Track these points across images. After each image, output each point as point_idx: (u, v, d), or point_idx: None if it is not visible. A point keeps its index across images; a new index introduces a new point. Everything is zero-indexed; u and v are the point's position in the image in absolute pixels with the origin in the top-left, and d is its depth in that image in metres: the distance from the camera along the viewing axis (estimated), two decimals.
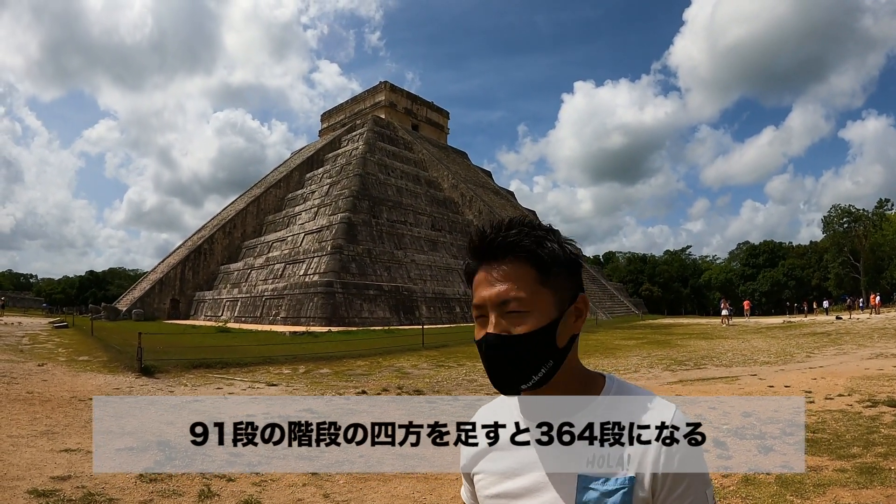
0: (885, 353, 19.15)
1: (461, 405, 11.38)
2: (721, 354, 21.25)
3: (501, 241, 1.29)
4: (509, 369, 1.26)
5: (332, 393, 12.83)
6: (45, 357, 18.22)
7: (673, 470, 1.18)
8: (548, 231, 1.33)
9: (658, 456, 1.19)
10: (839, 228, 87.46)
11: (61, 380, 13.77)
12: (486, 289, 1.29)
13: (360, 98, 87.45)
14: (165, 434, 8.45)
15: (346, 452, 7.69)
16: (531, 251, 1.28)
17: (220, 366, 16.67)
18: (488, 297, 1.28)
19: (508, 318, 1.26)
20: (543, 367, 1.26)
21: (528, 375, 1.25)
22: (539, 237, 1.30)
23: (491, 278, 1.30)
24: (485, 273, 1.32)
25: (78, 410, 10.13)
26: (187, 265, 58.27)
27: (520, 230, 1.30)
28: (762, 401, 10.94)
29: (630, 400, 1.30)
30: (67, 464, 6.79)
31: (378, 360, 19.68)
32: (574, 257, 1.34)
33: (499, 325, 1.26)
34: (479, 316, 1.33)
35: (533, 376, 1.25)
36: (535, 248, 1.28)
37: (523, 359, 1.25)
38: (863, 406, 10.00)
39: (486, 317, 1.30)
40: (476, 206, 67.49)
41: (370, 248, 46.96)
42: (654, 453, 1.20)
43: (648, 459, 1.20)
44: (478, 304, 1.32)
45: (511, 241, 1.28)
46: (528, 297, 1.26)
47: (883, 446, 7.28)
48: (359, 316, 40.18)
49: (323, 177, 64.36)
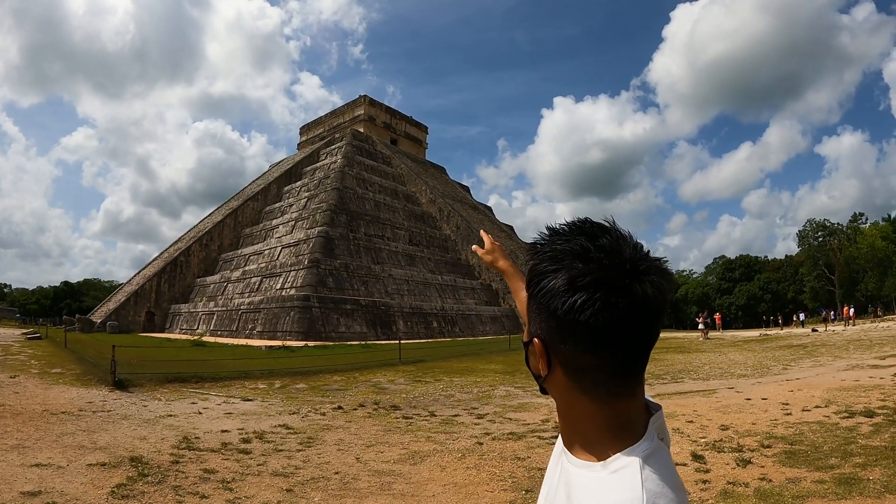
0: (860, 364, 19.32)
1: (438, 421, 11.31)
2: (698, 368, 21.34)
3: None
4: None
5: (308, 408, 12.70)
6: (17, 369, 17.88)
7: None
8: None
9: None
10: (814, 242, 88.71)
11: (33, 392, 13.51)
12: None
13: (339, 112, 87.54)
14: (138, 449, 8.31)
15: (321, 469, 7.61)
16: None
17: (195, 380, 16.46)
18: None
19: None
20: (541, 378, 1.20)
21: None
22: (532, 254, 1.13)
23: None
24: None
25: (50, 424, 9.93)
26: (163, 277, 57.71)
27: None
28: (740, 414, 10.97)
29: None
30: (38, 479, 6.64)
31: (355, 375, 19.55)
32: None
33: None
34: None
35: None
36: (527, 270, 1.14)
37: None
38: (840, 417, 10.06)
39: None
40: (454, 220, 67.58)
41: (347, 262, 46.80)
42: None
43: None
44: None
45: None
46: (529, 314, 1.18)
47: (861, 457, 7.31)
48: (335, 330, 39.96)
49: (301, 190, 64.20)
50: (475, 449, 8.90)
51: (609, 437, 1.02)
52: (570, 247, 1.02)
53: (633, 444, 1.00)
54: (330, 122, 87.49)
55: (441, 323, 49.41)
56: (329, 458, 8.21)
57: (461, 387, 16.62)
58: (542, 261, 1.04)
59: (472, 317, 53.24)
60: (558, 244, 1.04)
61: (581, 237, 1.03)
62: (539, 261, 1.05)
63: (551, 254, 1.03)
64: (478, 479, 7.23)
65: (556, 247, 1.04)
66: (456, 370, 21.08)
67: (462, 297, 55.63)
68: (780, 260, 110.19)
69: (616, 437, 1.02)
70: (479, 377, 18.65)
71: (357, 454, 8.51)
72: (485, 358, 26.35)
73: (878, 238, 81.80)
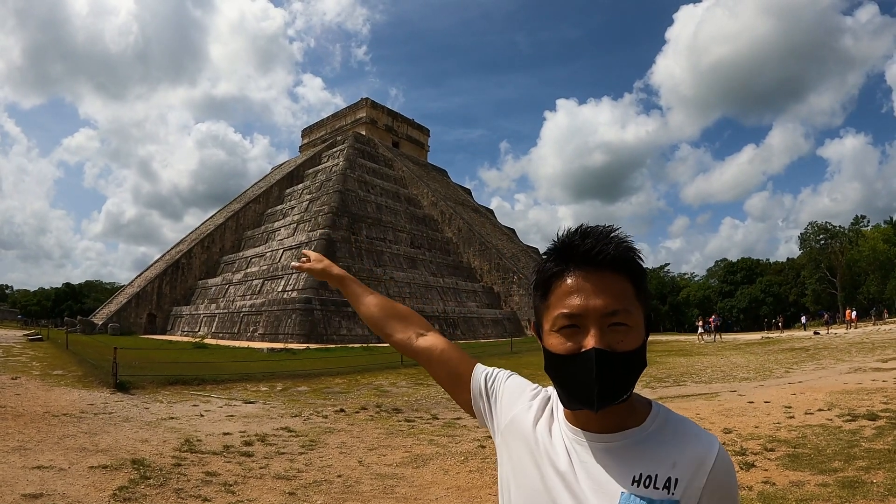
0: (863, 367, 19.29)
1: (441, 424, 11.30)
2: (700, 371, 21.31)
3: (604, 250, 1.23)
4: (612, 386, 1.20)
5: (310, 411, 12.69)
6: (18, 370, 17.89)
7: (720, 497, 1.20)
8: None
9: (705, 485, 1.19)
10: (816, 245, 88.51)
11: (35, 394, 13.51)
12: (588, 298, 1.21)
13: (341, 114, 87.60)
14: (140, 452, 8.30)
15: (323, 473, 7.59)
16: (634, 265, 1.26)
17: (197, 382, 16.46)
18: (593, 307, 1.20)
19: (612, 331, 1.21)
20: (634, 383, 1.24)
21: (623, 392, 1.22)
22: (636, 250, 1.27)
23: (591, 287, 1.22)
24: (579, 280, 1.24)
25: (51, 426, 9.92)
26: (165, 279, 57.71)
27: (619, 241, 1.25)
28: (742, 417, 10.96)
29: (678, 428, 1.29)
30: (40, 481, 6.63)
31: (356, 377, 19.54)
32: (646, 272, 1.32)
33: (603, 338, 1.20)
34: (569, 326, 1.23)
35: (625, 394, 1.23)
36: (638, 263, 1.26)
37: (626, 376, 1.22)
38: (843, 420, 10.04)
39: (579, 327, 1.22)
40: (455, 223, 67.59)
41: (349, 264, 46.77)
42: (701, 482, 1.20)
43: (695, 487, 1.19)
44: (572, 314, 1.22)
45: (615, 251, 1.23)
46: (632, 311, 1.23)
47: (864, 460, 7.29)
48: (337, 333, 39.96)
49: (303, 192, 64.21)
50: (478, 452, 8.89)
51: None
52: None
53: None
54: (332, 125, 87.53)
55: (443, 326, 49.39)
56: (331, 462, 8.20)
57: None
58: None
59: (474, 319, 53.22)
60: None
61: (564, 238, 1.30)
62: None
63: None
64: (480, 482, 7.22)
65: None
66: None
67: (464, 299, 55.61)
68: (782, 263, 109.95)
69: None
70: None
71: (359, 457, 8.50)
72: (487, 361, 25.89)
73: (880, 241, 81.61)
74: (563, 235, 1.30)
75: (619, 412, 1.27)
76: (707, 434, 1.27)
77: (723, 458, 1.22)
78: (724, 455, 1.23)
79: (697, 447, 1.23)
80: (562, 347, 1.23)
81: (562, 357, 1.22)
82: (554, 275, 1.28)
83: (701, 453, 1.22)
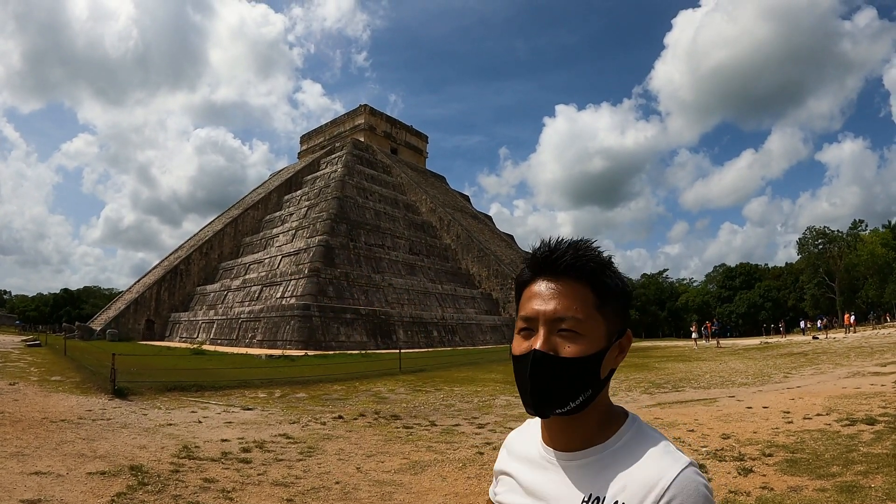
0: (861, 371, 19.30)
1: (439, 430, 11.29)
2: (699, 377, 21.31)
3: (567, 259, 1.27)
4: (550, 391, 1.22)
5: (309, 418, 12.67)
6: (16, 376, 17.86)
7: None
8: (608, 260, 1.33)
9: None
10: (814, 250, 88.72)
11: (33, 400, 13.49)
12: (541, 303, 1.27)
13: (339, 121, 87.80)
14: (138, 458, 8.29)
15: (321, 479, 7.59)
16: (595, 274, 1.27)
17: (195, 389, 16.43)
18: (543, 311, 1.25)
19: (560, 336, 1.24)
20: (582, 394, 1.23)
21: (565, 400, 1.22)
22: (603, 262, 1.30)
23: (548, 293, 1.27)
24: (541, 287, 1.29)
25: (49, 432, 9.91)
26: (163, 286, 57.69)
27: (586, 251, 1.29)
28: (741, 422, 10.96)
29: (643, 446, 1.23)
30: (38, 487, 6.62)
31: (355, 384, 19.52)
32: (629, 291, 1.34)
33: (548, 342, 1.23)
34: (524, 329, 1.29)
35: (570, 402, 1.22)
36: (600, 273, 1.28)
37: (567, 383, 1.22)
38: (841, 425, 10.04)
39: (534, 331, 1.27)
40: (454, 230, 67.66)
41: (348, 271, 46.79)
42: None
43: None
44: (527, 317, 1.29)
45: (577, 260, 1.27)
46: (584, 319, 1.24)
47: (862, 464, 7.29)
48: (336, 340, 39.91)
49: (301, 199, 64.26)
50: (476, 459, 8.88)
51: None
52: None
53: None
54: (330, 132, 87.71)
55: (441, 332, 49.38)
56: (329, 468, 8.19)
57: (462, 396, 16.60)
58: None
59: (473, 326, 53.20)
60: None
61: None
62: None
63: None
64: (479, 489, 7.21)
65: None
66: (456, 380, 21.05)
67: (462, 306, 55.62)
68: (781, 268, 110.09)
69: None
70: (480, 387, 18.62)
71: (357, 464, 8.49)
72: (485, 367, 26.29)
73: (879, 245, 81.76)
74: (535, 247, 1.35)
75: (583, 426, 1.28)
76: (672, 456, 1.18)
77: (681, 483, 1.12)
78: (685, 481, 1.12)
79: (650, 470, 1.16)
80: (517, 349, 1.28)
81: (514, 357, 1.29)
82: (524, 282, 1.35)
83: (653, 477, 1.14)
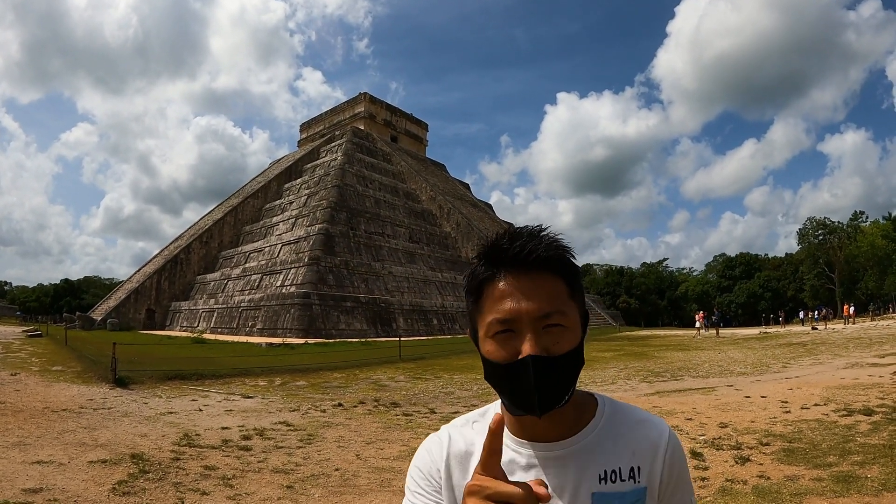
0: (860, 362, 19.33)
1: (438, 418, 11.33)
2: (698, 366, 21.36)
3: (541, 251, 1.18)
4: (553, 391, 1.15)
5: (309, 405, 12.72)
6: (17, 366, 17.91)
7: (674, 478, 1.28)
8: (569, 245, 1.25)
9: (663, 467, 1.27)
10: (814, 240, 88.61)
11: (34, 390, 13.53)
12: (520, 301, 1.16)
13: (339, 109, 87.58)
14: (139, 446, 8.33)
15: (321, 466, 7.63)
16: (566, 264, 1.22)
17: (196, 377, 16.48)
18: (526, 310, 1.15)
19: (547, 333, 1.16)
20: (574, 385, 1.20)
21: (562, 395, 1.17)
22: (567, 248, 1.23)
23: (524, 289, 1.18)
24: (511, 283, 1.19)
25: (51, 421, 9.95)
26: (163, 275, 57.73)
27: (554, 241, 1.21)
28: (739, 412, 10.99)
29: (627, 416, 1.32)
30: (39, 476, 6.65)
31: (355, 372, 19.58)
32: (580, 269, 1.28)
33: (539, 342, 1.15)
34: (503, 331, 1.17)
35: (566, 395, 1.18)
36: (570, 261, 1.23)
37: (565, 378, 1.17)
38: (839, 415, 10.07)
39: (514, 332, 1.17)
40: (454, 218, 67.62)
41: (348, 259, 46.82)
42: (659, 465, 1.26)
43: (656, 471, 1.26)
44: (505, 319, 1.17)
45: (551, 252, 1.19)
46: (567, 311, 1.19)
47: (859, 455, 7.32)
48: (336, 328, 39.99)
49: (301, 187, 64.21)
50: None
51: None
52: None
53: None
54: (330, 120, 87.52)
55: (441, 320, 49.48)
56: (329, 455, 8.23)
57: (461, 384, 16.65)
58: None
59: None
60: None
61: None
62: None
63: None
64: None
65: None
66: (456, 367, 21.11)
67: (462, 294, 55.48)
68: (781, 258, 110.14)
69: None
70: (479, 374, 18.63)
71: (357, 451, 8.53)
72: None
73: (879, 236, 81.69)
74: (492, 239, 1.26)
75: (567, 414, 1.25)
76: (653, 418, 1.33)
77: (673, 437, 1.30)
78: (674, 434, 1.31)
79: (651, 432, 1.29)
80: (498, 355, 1.17)
81: (499, 366, 1.17)
82: (486, 279, 1.23)
83: (655, 437, 1.28)
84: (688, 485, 1.33)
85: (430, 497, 1.27)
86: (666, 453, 1.27)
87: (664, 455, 1.27)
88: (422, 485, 1.29)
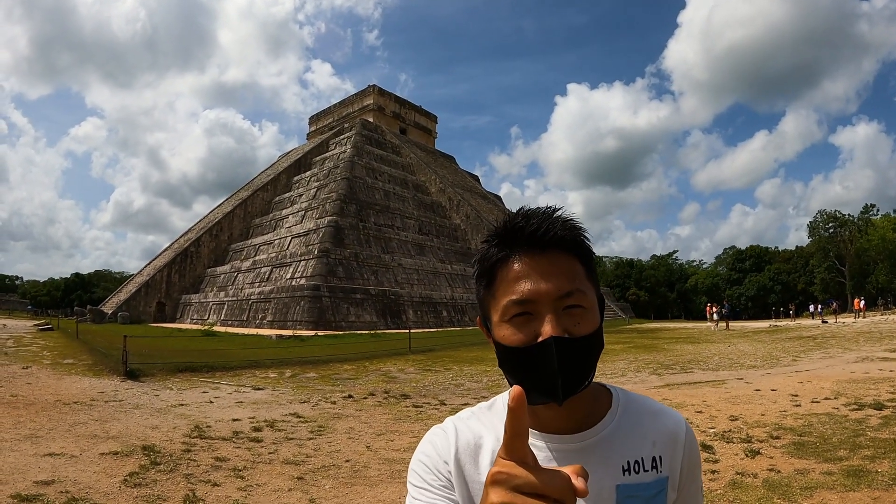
0: (870, 356, 19.25)
1: (448, 409, 11.35)
2: (707, 358, 21.31)
3: (557, 231, 1.14)
4: (576, 374, 1.10)
5: (319, 397, 12.76)
6: (29, 360, 18.05)
7: (691, 470, 1.29)
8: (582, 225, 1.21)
9: (683, 455, 1.27)
10: (825, 233, 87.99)
11: (46, 383, 13.64)
12: (539, 281, 1.11)
13: (348, 101, 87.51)
14: (150, 438, 8.38)
15: (331, 458, 7.66)
16: (582, 244, 1.18)
17: (206, 370, 16.56)
18: (545, 290, 1.10)
19: (567, 315, 1.11)
20: (594, 369, 1.15)
21: (584, 379, 1.12)
22: (583, 228, 1.19)
23: (541, 270, 1.12)
24: (527, 264, 1.13)
25: (62, 414, 10.02)
26: (174, 268, 57.93)
27: (565, 220, 1.17)
28: (749, 404, 10.97)
29: (642, 406, 1.31)
30: (51, 468, 6.71)
31: (365, 364, 19.62)
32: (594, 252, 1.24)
33: (560, 324, 1.09)
34: (521, 314, 1.12)
35: (587, 380, 1.13)
36: (586, 242, 1.19)
37: (586, 361, 1.11)
38: (849, 409, 10.04)
39: (532, 314, 1.11)
40: (463, 210, 67.55)
41: (357, 251, 46.87)
42: (679, 455, 1.27)
43: (677, 461, 1.26)
44: (523, 300, 1.11)
45: (562, 231, 1.14)
46: (586, 291, 1.14)
47: (869, 449, 7.30)
48: (345, 320, 40.07)
49: (310, 180, 64.24)
50: None
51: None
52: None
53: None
54: (339, 112, 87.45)
55: (451, 312, 49.49)
56: (339, 447, 8.27)
57: (471, 376, 16.67)
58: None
59: None
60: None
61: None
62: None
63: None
64: None
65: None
66: (466, 359, 21.13)
67: (472, 286, 55.33)
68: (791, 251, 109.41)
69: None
70: (489, 366, 18.67)
71: (367, 442, 8.56)
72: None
73: (890, 230, 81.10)
74: (505, 219, 1.21)
75: (585, 403, 1.21)
76: (669, 408, 1.34)
77: (689, 429, 1.31)
78: (689, 426, 1.32)
79: (669, 422, 1.29)
80: (515, 338, 1.12)
81: (517, 350, 1.11)
82: (499, 261, 1.18)
83: (673, 427, 1.28)
84: (699, 479, 1.34)
85: (436, 492, 1.17)
86: (685, 444, 1.28)
87: (683, 446, 1.27)
88: (427, 479, 1.20)
